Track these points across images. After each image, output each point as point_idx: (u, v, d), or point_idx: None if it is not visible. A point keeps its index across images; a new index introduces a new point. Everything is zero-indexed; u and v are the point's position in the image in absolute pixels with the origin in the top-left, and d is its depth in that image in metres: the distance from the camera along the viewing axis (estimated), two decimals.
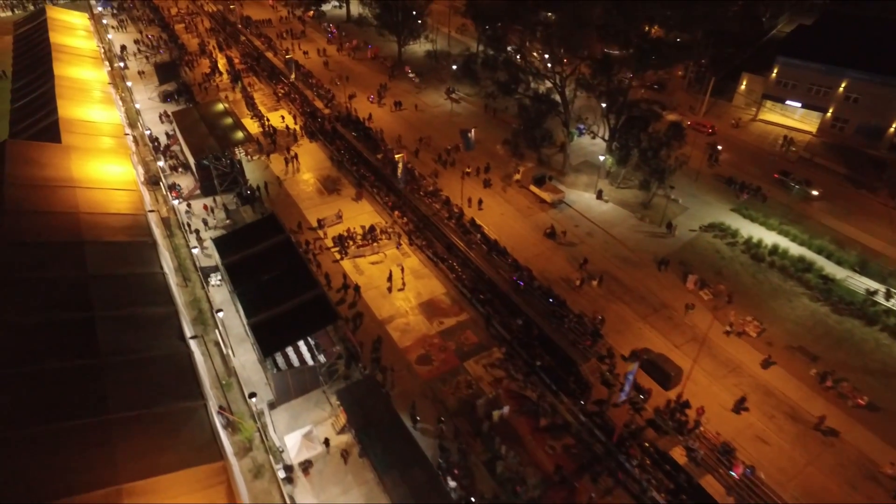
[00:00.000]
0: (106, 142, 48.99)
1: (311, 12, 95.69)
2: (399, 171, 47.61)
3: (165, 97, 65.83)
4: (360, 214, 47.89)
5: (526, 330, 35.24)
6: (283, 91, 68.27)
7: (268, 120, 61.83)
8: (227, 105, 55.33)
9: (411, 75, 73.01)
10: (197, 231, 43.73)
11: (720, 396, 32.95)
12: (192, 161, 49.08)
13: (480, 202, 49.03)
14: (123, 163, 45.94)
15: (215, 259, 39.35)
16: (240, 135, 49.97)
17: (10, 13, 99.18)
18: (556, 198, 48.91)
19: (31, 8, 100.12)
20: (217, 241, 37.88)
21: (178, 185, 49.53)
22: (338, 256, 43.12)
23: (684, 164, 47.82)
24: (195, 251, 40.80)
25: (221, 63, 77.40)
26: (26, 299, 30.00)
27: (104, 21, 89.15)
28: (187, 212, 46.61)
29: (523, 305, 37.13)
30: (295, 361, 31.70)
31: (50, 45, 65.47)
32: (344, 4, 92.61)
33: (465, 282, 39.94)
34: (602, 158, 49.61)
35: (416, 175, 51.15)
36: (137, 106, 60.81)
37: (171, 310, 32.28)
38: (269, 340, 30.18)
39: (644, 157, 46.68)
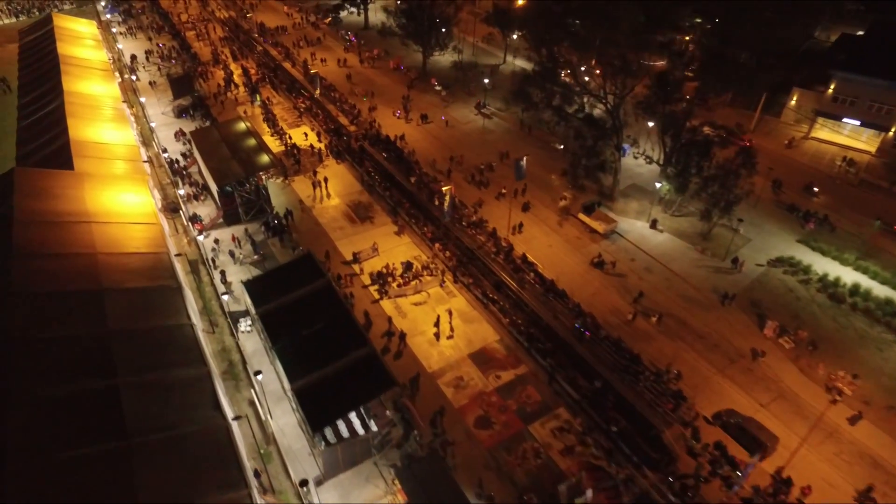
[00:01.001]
0: (121, 167, 45.33)
1: (328, 19, 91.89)
2: (446, 204, 43.70)
3: (180, 112, 62.15)
4: (398, 246, 44.21)
5: (601, 391, 31.50)
6: (304, 105, 64.54)
7: (290, 137, 58.12)
8: (248, 124, 51.62)
9: (437, 88, 69.28)
10: (223, 272, 39.92)
11: (819, 468, 29.28)
12: (213, 188, 45.41)
13: (521, 227, 45.69)
14: (141, 190, 42.20)
15: (245, 303, 35.73)
16: (265, 158, 46.27)
17: (14, 20, 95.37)
18: (608, 228, 45.21)
19: (37, 14, 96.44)
20: (248, 286, 34.17)
21: (199, 217, 45.73)
22: (377, 296, 39.44)
23: (750, 194, 44.08)
24: (224, 297, 37.03)
25: (237, 74, 73.70)
26: (41, 365, 26.35)
27: (113, 29, 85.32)
28: (213, 248, 42.83)
29: (592, 359, 33.43)
30: (344, 431, 28.02)
31: (58, 57, 61.76)
32: (361, 11, 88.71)
33: (520, 327, 36.25)
34: (658, 185, 45.84)
35: (458, 203, 47.41)
36: (153, 124, 57.03)
37: (202, 371, 28.61)
38: (316, 412, 26.52)
39: (706, 186, 42.96)
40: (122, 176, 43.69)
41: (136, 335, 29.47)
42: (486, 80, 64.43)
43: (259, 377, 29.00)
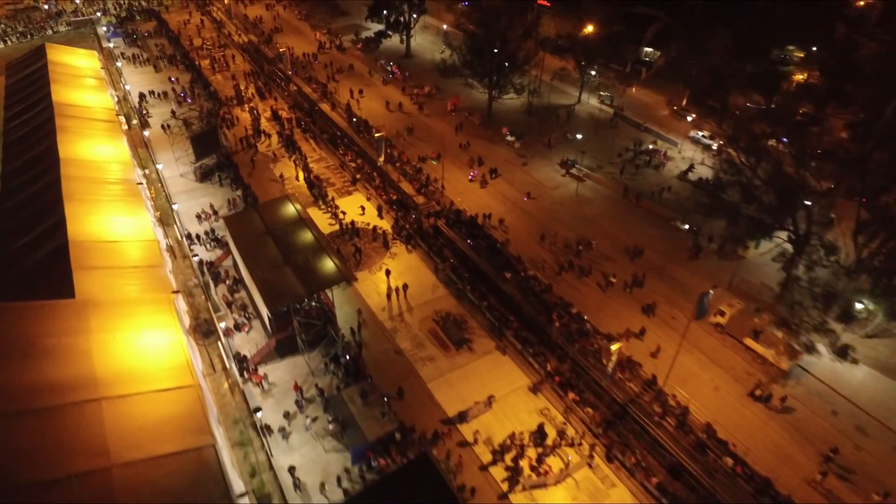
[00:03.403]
0: (137, 283, 33.66)
1: (360, 44, 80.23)
2: (611, 364, 31.88)
3: (204, 175, 50.50)
4: (513, 392, 32.68)
5: None
6: (353, 164, 52.84)
7: (343, 213, 46.50)
8: (298, 206, 39.96)
9: (510, 138, 57.76)
10: (292, 468, 28.31)
11: None
12: (263, 310, 33.83)
13: (642, 332, 35.53)
14: (168, 324, 30.56)
15: None
16: (330, 266, 34.64)
17: (0, 45, 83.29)
18: (791, 362, 33.84)
19: (28, 39, 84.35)
20: None
21: (244, 355, 33.93)
22: (503, 486, 27.96)
23: None
24: None
25: (265, 116, 62.09)
26: None
27: (118, 63, 73.16)
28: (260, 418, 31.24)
29: None
30: None
31: (52, 107, 49.97)
32: (403, 36, 76.98)
33: None
34: (860, 306, 34.41)
35: (585, 320, 35.99)
36: (175, 207, 45.14)
37: None
38: None
39: None
40: (140, 301, 31.99)
41: None
42: (579, 136, 53.01)
43: None
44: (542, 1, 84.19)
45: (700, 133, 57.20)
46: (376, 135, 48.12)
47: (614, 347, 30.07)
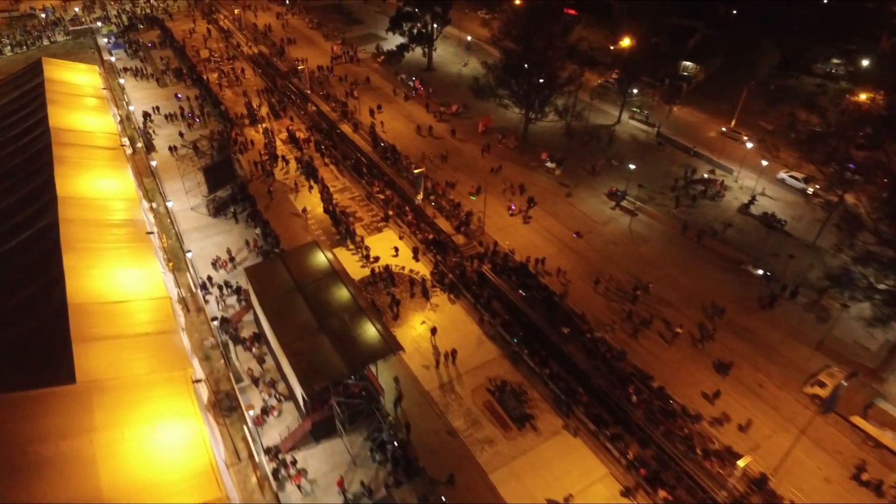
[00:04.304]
0: (148, 356, 28.69)
1: (381, 57, 75.34)
2: (732, 480, 26.70)
3: (217, 209, 45.55)
4: (594, 491, 27.79)
5: None
6: (382, 195, 47.90)
7: (374, 258, 41.52)
8: (331, 255, 35.07)
9: (549, 165, 52.92)
10: None
11: None
12: (296, 388, 28.88)
13: (716, 395, 31.26)
14: (186, 411, 25.62)
15: None
16: (372, 333, 29.78)
17: None
18: None
19: (23, 51, 79.27)
20: None
21: (276, 450, 28.85)
22: None
23: None
24: None
25: (280, 137, 57.21)
26: None
27: (121, 80, 67.86)
28: None
29: None
30: None
31: (49, 132, 45.03)
32: (424, 48, 71.97)
33: None
34: None
35: (669, 397, 31.14)
36: (190, 255, 40.00)
37: None
38: None
39: None
40: (152, 381, 27.03)
41: None
42: (632, 167, 48.10)
43: None
44: (569, 10, 79.74)
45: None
46: (415, 171, 43.01)
47: (741, 463, 25.14)
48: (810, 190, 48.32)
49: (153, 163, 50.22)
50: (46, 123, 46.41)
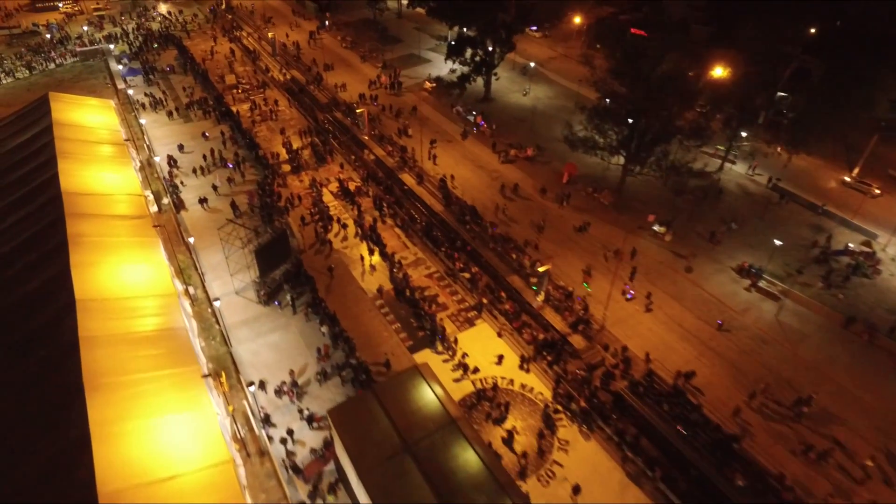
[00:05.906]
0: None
1: (433, 85, 66.68)
2: None
3: (270, 295, 36.84)
4: None
5: None
6: (467, 273, 39.16)
7: (473, 370, 32.78)
8: (438, 389, 26.44)
9: (658, 229, 44.26)
10: None
11: None
12: None
13: None
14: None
15: None
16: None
17: None
18: None
19: (26, 75, 70.45)
20: None
21: None
22: None
23: None
24: None
25: (329, 189, 48.56)
26: None
27: (142, 121, 58.33)
28: None
29: None
30: None
31: (62, 203, 36.41)
32: (483, 78, 63.22)
33: None
34: None
35: None
36: (252, 390, 30.78)
37: None
38: None
39: None
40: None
41: None
42: (778, 243, 39.47)
43: None
44: (636, 30, 71.21)
45: None
46: (539, 269, 33.91)
47: None
48: None
49: (184, 232, 41.46)
50: (58, 188, 37.84)
